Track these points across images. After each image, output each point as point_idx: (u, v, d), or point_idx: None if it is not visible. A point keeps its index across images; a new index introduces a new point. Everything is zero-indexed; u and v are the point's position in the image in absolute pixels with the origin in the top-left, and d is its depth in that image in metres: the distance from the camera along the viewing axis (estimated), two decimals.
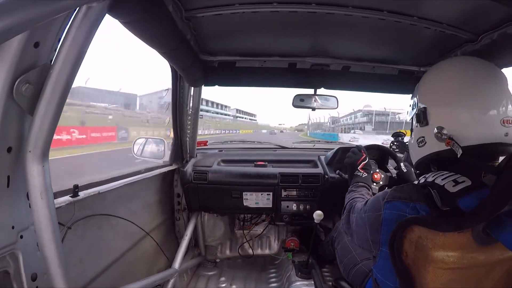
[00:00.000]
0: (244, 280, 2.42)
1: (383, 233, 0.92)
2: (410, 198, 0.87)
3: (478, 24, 1.37)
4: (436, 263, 0.81)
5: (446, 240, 0.79)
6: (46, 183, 0.83)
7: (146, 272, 1.90)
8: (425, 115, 0.97)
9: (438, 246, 0.80)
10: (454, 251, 0.79)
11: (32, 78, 0.75)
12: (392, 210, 0.90)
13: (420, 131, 1.00)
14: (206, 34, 1.66)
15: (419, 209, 0.85)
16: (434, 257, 0.81)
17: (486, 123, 0.86)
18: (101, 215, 1.41)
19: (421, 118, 0.98)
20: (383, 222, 0.92)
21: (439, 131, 0.90)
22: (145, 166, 2.05)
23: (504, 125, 0.86)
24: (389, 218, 0.90)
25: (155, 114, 29.74)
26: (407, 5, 1.31)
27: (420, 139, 1.00)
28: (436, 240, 0.80)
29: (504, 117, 0.86)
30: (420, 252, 0.83)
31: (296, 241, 2.56)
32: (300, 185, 2.33)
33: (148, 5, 1.00)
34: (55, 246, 0.86)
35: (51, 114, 0.79)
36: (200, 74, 1.92)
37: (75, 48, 0.79)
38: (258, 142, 3.29)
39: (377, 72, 2.09)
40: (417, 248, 0.83)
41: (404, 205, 0.87)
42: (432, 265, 0.81)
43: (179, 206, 2.48)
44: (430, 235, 0.80)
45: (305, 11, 1.36)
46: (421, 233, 0.82)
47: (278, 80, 2.12)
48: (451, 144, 0.88)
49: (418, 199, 0.85)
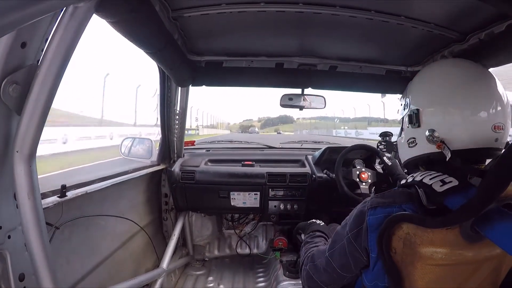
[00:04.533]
0: (232, 279, 2.43)
1: (370, 240, 0.90)
2: (394, 201, 0.87)
3: (465, 24, 1.38)
4: (425, 259, 0.81)
5: (434, 237, 0.79)
6: (34, 183, 0.82)
7: (134, 272, 1.89)
8: (418, 117, 0.97)
9: (426, 242, 0.80)
10: (442, 247, 0.80)
11: (19, 78, 0.75)
12: (377, 214, 0.88)
13: (411, 132, 1.00)
14: (193, 34, 1.66)
15: (406, 208, 0.84)
16: (422, 253, 0.81)
17: (478, 128, 0.87)
18: (90, 216, 1.40)
19: (413, 120, 0.98)
20: (369, 229, 0.89)
21: (431, 133, 0.91)
22: (132, 166, 2.04)
23: (495, 131, 0.87)
24: (374, 223, 0.88)
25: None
26: (394, 5, 1.32)
27: (411, 139, 1.00)
28: (424, 237, 0.80)
29: (496, 123, 0.87)
30: (408, 249, 0.83)
31: (284, 241, 2.56)
32: (287, 184, 2.34)
33: (135, 5, 1.00)
34: (42, 247, 0.86)
35: (39, 114, 0.79)
36: (187, 74, 1.92)
37: (62, 48, 0.79)
38: (246, 142, 3.30)
39: (365, 72, 2.09)
40: (405, 244, 0.83)
41: (389, 208, 0.87)
42: (421, 261, 0.82)
43: (167, 206, 2.47)
44: (419, 232, 0.81)
45: (292, 11, 1.36)
46: (409, 230, 0.82)
47: (265, 80, 2.12)
48: (442, 147, 0.89)
49: (402, 200, 0.86)
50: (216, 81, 2.16)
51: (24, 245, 0.86)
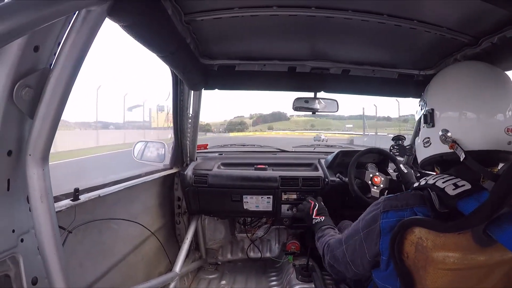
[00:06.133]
0: (244, 283, 2.41)
1: (382, 243, 0.92)
2: (406, 204, 0.89)
3: (478, 28, 1.37)
4: (437, 264, 0.82)
5: (447, 241, 0.80)
6: (46, 187, 0.83)
7: (147, 275, 1.89)
8: (432, 117, 0.98)
9: (438, 247, 0.81)
10: (455, 252, 0.80)
11: (32, 82, 0.75)
12: (390, 218, 0.91)
13: (426, 132, 1.01)
14: (206, 38, 1.67)
15: (417, 211, 0.86)
16: (435, 258, 0.81)
17: (490, 130, 0.88)
18: (103, 219, 1.41)
19: (428, 119, 0.99)
20: (381, 232, 0.92)
21: (444, 134, 0.92)
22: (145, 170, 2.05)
23: (508, 133, 0.87)
24: (387, 226, 0.91)
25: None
26: (407, 9, 1.31)
27: (426, 139, 1.02)
28: (436, 241, 0.81)
29: (509, 126, 0.87)
30: (421, 253, 0.84)
31: (297, 244, 2.54)
32: (300, 188, 2.32)
33: (148, 9, 1.01)
34: (55, 250, 0.86)
35: (51, 117, 0.79)
36: (200, 78, 1.93)
37: (74, 52, 0.79)
38: (258, 145, 3.30)
39: (377, 75, 2.10)
40: (417, 249, 0.84)
41: (401, 212, 0.89)
42: (433, 266, 0.82)
43: (180, 210, 2.47)
44: (431, 236, 0.81)
45: (305, 15, 1.36)
46: (422, 234, 0.83)
47: (278, 84, 2.13)
48: (455, 147, 0.89)
49: (415, 203, 0.87)
50: (229, 85, 2.18)
51: (37, 248, 0.86)
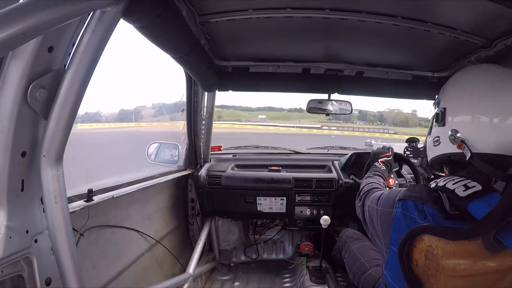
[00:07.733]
0: (258, 284, 2.40)
1: (392, 232, 0.94)
2: (420, 197, 0.89)
3: (492, 30, 1.36)
4: (447, 271, 0.81)
5: (457, 248, 0.80)
6: (60, 188, 0.83)
7: (160, 276, 1.90)
8: (443, 116, 0.98)
9: (448, 254, 0.81)
10: (465, 259, 0.80)
11: (46, 83, 0.75)
12: (403, 210, 0.91)
13: (437, 130, 1.01)
14: (220, 39, 1.67)
15: (427, 211, 0.86)
16: (445, 265, 0.81)
17: (503, 135, 0.86)
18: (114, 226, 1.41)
19: (439, 118, 1.00)
20: (393, 221, 0.93)
21: (453, 133, 0.91)
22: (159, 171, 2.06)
23: None
24: (399, 217, 0.92)
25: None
26: (421, 11, 1.31)
27: (436, 138, 1.02)
28: (446, 249, 0.81)
29: None
30: (430, 261, 0.83)
31: (311, 246, 2.51)
32: (314, 190, 2.31)
33: (162, 10, 1.00)
34: (69, 251, 0.86)
35: (65, 118, 0.79)
36: (214, 79, 1.93)
37: (89, 53, 0.79)
38: (272, 147, 3.29)
39: (391, 77, 2.09)
40: (427, 257, 0.84)
41: (413, 206, 0.89)
42: (443, 273, 0.82)
43: (193, 211, 2.48)
44: (441, 244, 0.81)
45: (319, 17, 1.36)
46: (431, 242, 0.83)
47: (292, 85, 2.13)
48: (462, 147, 0.89)
49: (427, 199, 0.87)
50: (243, 86, 2.18)
51: (50, 249, 0.86)
